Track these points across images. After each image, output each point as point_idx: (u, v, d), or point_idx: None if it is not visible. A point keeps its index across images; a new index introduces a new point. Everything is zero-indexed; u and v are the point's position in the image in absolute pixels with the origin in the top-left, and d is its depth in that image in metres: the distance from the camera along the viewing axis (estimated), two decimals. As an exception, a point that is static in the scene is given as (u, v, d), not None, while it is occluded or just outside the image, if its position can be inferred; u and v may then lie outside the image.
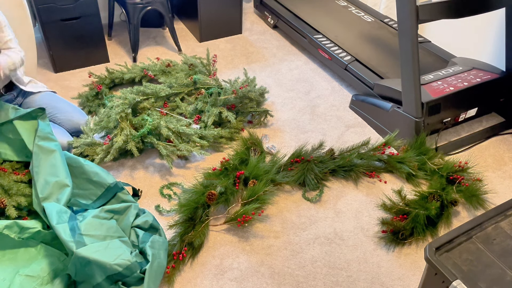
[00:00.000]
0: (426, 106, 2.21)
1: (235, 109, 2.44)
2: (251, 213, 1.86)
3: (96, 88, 2.55)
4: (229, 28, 3.30)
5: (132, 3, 2.83)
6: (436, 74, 2.43)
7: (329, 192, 2.10)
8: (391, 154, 2.21)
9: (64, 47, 2.77)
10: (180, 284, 1.69)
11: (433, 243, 1.26)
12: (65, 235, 1.49)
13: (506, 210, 1.38)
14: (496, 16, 2.59)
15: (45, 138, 1.81)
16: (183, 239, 1.78)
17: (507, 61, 2.42)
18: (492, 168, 2.25)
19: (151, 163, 2.22)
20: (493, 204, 2.04)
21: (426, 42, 2.86)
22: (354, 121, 2.55)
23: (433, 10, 2.03)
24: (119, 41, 3.20)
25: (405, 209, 1.93)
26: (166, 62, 2.69)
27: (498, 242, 1.29)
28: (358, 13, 3.21)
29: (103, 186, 1.83)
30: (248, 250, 1.83)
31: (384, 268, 1.77)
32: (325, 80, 2.88)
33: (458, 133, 2.40)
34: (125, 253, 1.55)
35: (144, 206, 1.98)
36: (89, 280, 1.50)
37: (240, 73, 2.92)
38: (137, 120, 2.19)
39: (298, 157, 2.16)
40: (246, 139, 2.23)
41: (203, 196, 1.88)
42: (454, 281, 1.18)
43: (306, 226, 1.94)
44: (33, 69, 2.41)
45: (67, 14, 2.64)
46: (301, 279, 1.72)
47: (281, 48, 3.21)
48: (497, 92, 2.44)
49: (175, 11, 3.55)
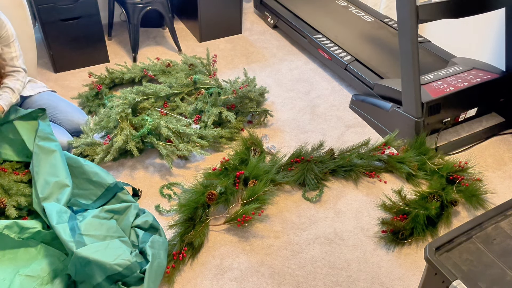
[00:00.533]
0: (426, 106, 2.21)
1: (235, 109, 2.44)
2: (251, 213, 1.86)
3: (96, 88, 2.55)
4: (229, 28, 3.30)
5: (132, 3, 2.83)
6: (436, 74, 2.43)
7: (329, 192, 2.10)
8: (391, 154, 2.21)
9: (64, 47, 2.77)
10: (180, 284, 1.69)
11: (433, 243, 1.26)
12: (65, 235, 1.49)
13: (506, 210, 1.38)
14: (496, 16, 2.59)
15: (46, 139, 1.81)
16: (183, 239, 1.78)
17: (507, 61, 2.42)
18: (492, 168, 2.25)
19: (151, 163, 2.22)
20: (493, 204, 2.04)
21: (426, 42, 2.86)
22: (354, 121, 2.55)
23: (433, 10, 2.03)
24: (119, 41, 3.20)
25: (405, 209, 1.93)
26: (166, 62, 2.69)
27: (498, 242, 1.29)
28: (358, 13, 3.21)
29: (103, 186, 1.83)
30: (248, 250, 1.83)
31: (384, 268, 1.77)
32: (325, 80, 2.88)
33: (458, 133, 2.40)
34: (125, 253, 1.55)
35: (144, 206, 1.98)
36: (89, 280, 1.50)
37: (240, 73, 2.92)
38: (137, 120, 2.19)
39: (298, 157, 2.16)
40: (246, 139, 2.23)
41: (203, 196, 1.88)
42: (454, 281, 1.18)
43: (306, 226, 1.94)
44: (33, 69, 2.41)
45: (67, 14, 2.64)
46: (301, 279, 1.72)
47: (281, 48, 3.21)
48: (497, 92, 2.44)
49: (175, 11, 3.55)
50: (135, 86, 2.45)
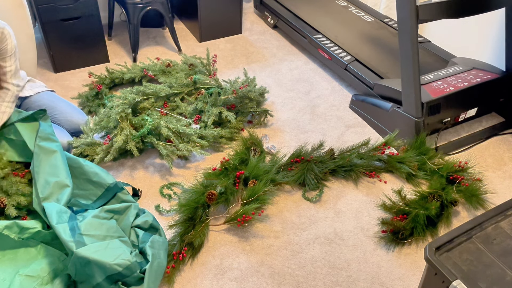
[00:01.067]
0: (426, 106, 2.21)
1: (235, 109, 2.44)
2: (251, 213, 1.86)
3: (96, 88, 2.55)
4: (229, 28, 3.30)
5: (132, 3, 2.83)
6: (436, 74, 2.43)
7: (329, 192, 2.10)
8: (391, 154, 2.21)
9: (64, 47, 2.77)
10: (180, 284, 1.69)
11: (433, 243, 1.26)
12: (65, 235, 1.49)
13: (506, 210, 1.38)
14: (496, 16, 2.59)
15: (46, 139, 1.81)
16: (183, 239, 1.78)
17: (507, 61, 2.42)
18: (492, 168, 2.25)
19: (151, 163, 2.22)
20: (493, 204, 2.04)
21: (426, 42, 2.86)
22: (354, 121, 2.55)
23: (433, 10, 2.03)
24: (119, 41, 3.21)
25: (405, 209, 1.93)
26: (166, 62, 2.69)
27: (498, 242, 1.29)
28: (358, 13, 3.21)
29: (103, 187, 1.83)
30: (248, 250, 1.83)
31: (384, 268, 1.77)
32: (325, 80, 2.88)
33: (458, 133, 2.40)
34: (125, 253, 1.55)
35: (144, 206, 1.98)
36: (89, 280, 1.50)
37: (240, 73, 2.92)
38: (137, 120, 2.19)
39: (298, 157, 2.16)
40: (246, 139, 2.23)
41: (203, 196, 1.88)
42: (454, 281, 1.18)
43: (306, 226, 1.94)
44: (33, 69, 2.41)
45: (67, 14, 2.64)
46: (301, 279, 1.72)
47: (281, 48, 3.21)
48: (497, 92, 2.44)
49: (175, 11, 3.55)
50: (135, 86, 2.45)
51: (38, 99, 2.17)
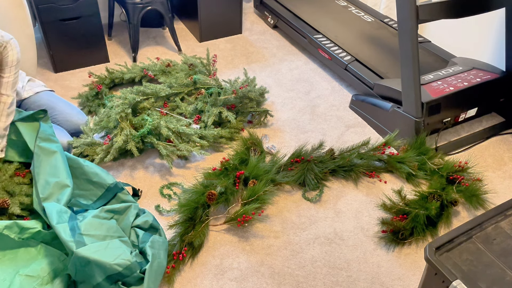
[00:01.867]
0: (426, 106, 2.21)
1: (235, 109, 2.44)
2: (251, 213, 1.86)
3: (96, 88, 2.55)
4: (229, 28, 3.30)
5: (132, 3, 2.83)
6: (436, 74, 2.43)
7: (329, 192, 2.10)
8: (391, 154, 2.21)
9: (64, 47, 2.76)
10: (180, 284, 1.69)
11: (433, 243, 1.26)
12: (65, 235, 1.49)
13: (506, 210, 1.38)
14: (496, 16, 2.59)
15: (47, 140, 1.81)
16: (183, 239, 1.78)
17: (507, 61, 2.42)
18: (492, 168, 2.25)
19: (151, 163, 2.22)
20: (493, 204, 2.04)
21: (426, 42, 2.86)
22: (354, 121, 2.55)
23: (433, 10, 2.03)
24: (119, 41, 3.20)
25: (405, 209, 1.93)
26: (166, 62, 2.69)
27: (498, 242, 1.29)
28: (358, 13, 3.21)
29: (103, 187, 1.83)
30: (248, 250, 1.83)
31: (384, 268, 1.77)
32: (325, 80, 2.88)
33: (458, 133, 2.40)
34: (125, 253, 1.55)
35: (144, 206, 1.98)
36: (89, 280, 1.50)
37: (240, 73, 2.92)
38: (137, 120, 2.19)
39: (298, 157, 2.16)
40: (246, 139, 2.23)
41: (203, 196, 1.88)
42: (454, 281, 1.18)
43: (306, 226, 1.94)
44: (33, 69, 2.41)
45: (67, 14, 2.64)
46: (301, 279, 1.73)
47: (281, 48, 3.21)
48: (497, 92, 2.44)
49: (175, 11, 3.55)
50: (135, 86, 2.45)
51: (37, 99, 2.17)
